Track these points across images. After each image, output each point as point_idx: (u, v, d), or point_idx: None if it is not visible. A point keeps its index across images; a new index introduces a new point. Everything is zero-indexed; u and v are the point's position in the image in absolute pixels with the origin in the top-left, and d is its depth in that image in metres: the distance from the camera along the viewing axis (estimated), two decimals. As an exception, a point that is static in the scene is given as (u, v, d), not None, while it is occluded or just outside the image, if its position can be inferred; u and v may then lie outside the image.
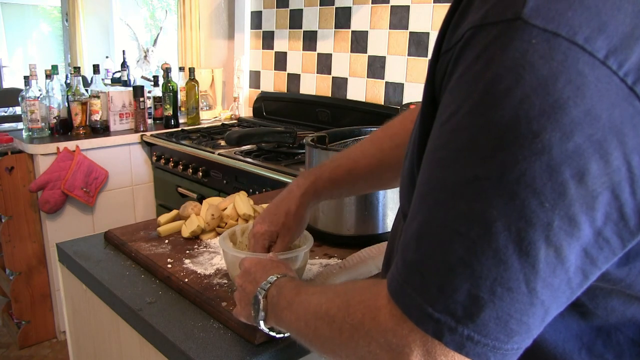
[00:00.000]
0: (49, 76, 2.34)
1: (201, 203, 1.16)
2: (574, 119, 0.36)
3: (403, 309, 0.43)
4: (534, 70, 0.37)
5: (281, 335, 0.68)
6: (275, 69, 2.80)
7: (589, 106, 0.36)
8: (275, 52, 2.78)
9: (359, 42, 2.36)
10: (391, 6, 2.21)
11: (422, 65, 2.13)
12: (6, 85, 5.39)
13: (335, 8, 2.44)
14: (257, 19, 2.85)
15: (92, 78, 2.54)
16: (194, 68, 2.73)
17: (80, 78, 2.41)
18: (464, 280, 0.39)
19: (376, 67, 2.31)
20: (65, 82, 2.54)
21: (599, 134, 0.36)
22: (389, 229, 1.06)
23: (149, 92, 2.82)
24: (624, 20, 0.37)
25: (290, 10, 2.65)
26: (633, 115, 0.37)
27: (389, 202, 1.05)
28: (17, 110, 3.00)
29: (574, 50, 0.36)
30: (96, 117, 2.43)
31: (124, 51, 3.73)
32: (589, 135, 0.36)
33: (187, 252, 1.01)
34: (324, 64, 2.54)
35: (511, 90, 0.37)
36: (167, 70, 2.59)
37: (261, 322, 0.66)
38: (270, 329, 0.67)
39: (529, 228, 0.37)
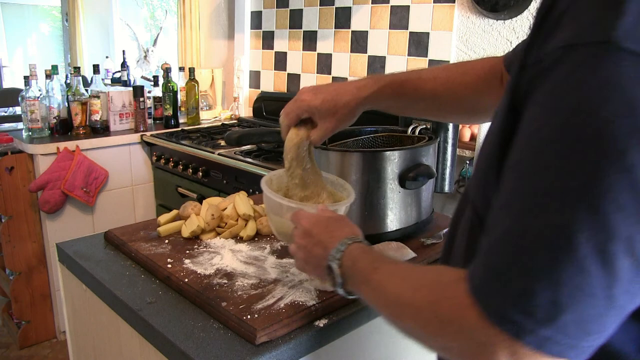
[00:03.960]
0: (49, 76, 2.34)
1: (201, 203, 1.16)
2: None
3: (485, 309, 0.45)
4: (623, 92, 0.39)
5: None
6: (275, 69, 2.80)
7: None
8: (275, 52, 2.78)
9: (359, 42, 2.36)
10: (391, 6, 2.21)
11: (421, 65, 2.12)
12: (6, 85, 5.39)
13: (335, 8, 2.44)
14: (257, 19, 2.85)
15: (92, 78, 2.54)
16: (194, 68, 2.73)
17: (80, 78, 2.41)
18: (546, 286, 0.42)
19: (376, 67, 2.31)
20: (65, 82, 2.53)
21: None
22: (389, 229, 1.06)
23: (149, 92, 2.82)
24: None
25: (290, 10, 2.65)
26: None
27: (389, 202, 1.05)
28: (17, 110, 3.00)
29: None
30: (96, 117, 2.43)
31: (124, 51, 3.73)
32: None
33: (187, 252, 1.01)
34: (324, 64, 2.54)
35: (599, 110, 0.40)
36: (167, 70, 2.59)
37: (340, 290, 0.69)
38: (348, 292, 0.69)
39: (611, 240, 0.40)
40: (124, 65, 3.67)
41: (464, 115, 0.94)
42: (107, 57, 4.08)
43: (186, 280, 0.89)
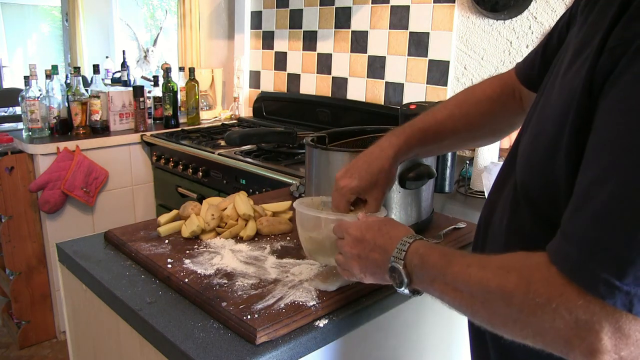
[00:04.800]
0: (49, 76, 2.34)
1: (201, 203, 1.16)
2: None
3: (587, 285, 0.46)
4: None
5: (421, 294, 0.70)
6: (275, 69, 2.80)
7: None
8: (275, 52, 2.78)
9: (359, 42, 2.36)
10: (391, 6, 2.21)
11: (422, 65, 2.13)
12: (6, 85, 5.39)
13: (335, 8, 2.44)
14: (257, 19, 2.85)
15: (92, 78, 2.54)
16: (194, 68, 2.73)
17: (80, 78, 2.41)
18: None
19: (376, 67, 2.31)
20: (65, 82, 2.54)
21: None
22: (389, 229, 1.06)
23: (149, 92, 2.82)
24: None
25: (290, 10, 2.65)
26: None
27: (389, 202, 1.05)
28: (17, 110, 3.00)
29: None
30: (96, 117, 2.43)
31: (124, 51, 3.73)
32: None
33: (187, 252, 1.01)
34: (324, 64, 2.54)
35: None
36: (167, 70, 2.59)
37: (406, 290, 0.68)
38: (414, 292, 0.69)
39: None
40: (124, 65, 3.67)
41: (488, 137, 0.99)
42: (107, 57, 4.09)
43: (186, 280, 0.89)
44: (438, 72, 2.08)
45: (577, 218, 0.49)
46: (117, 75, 3.65)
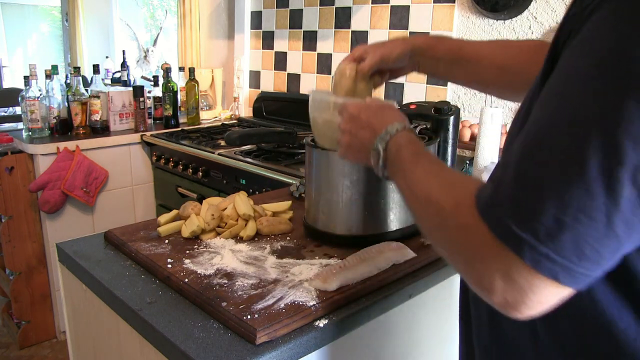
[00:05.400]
0: (49, 76, 2.34)
1: (201, 203, 1.16)
2: None
3: (490, 225, 0.48)
4: None
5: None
6: (275, 69, 2.80)
7: None
8: (275, 52, 2.78)
9: (359, 42, 2.36)
10: (391, 6, 2.21)
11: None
12: (6, 85, 5.39)
13: (335, 8, 2.44)
14: (257, 19, 2.85)
15: (92, 78, 2.55)
16: (194, 68, 2.73)
17: (80, 78, 2.41)
18: (553, 205, 0.44)
19: (376, 67, 2.30)
20: (65, 82, 2.54)
21: None
22: (389, 229, 1.06)
23: (149, 92, 2.82)
24: None
25: (290, 10, 2.65)
26: None
27: (389, 202, 1.05)
28: (17, 110, 3.00)
29: None
30: (96, 117, 2.43)
31: (124, 51, 3.73)
32: None
33: (187, 252, 1.01)
34: (324, 64, 2.54)
35: (633, 50, 0.42)
36: (167, 70, 2.59)
37: (380, 173, 0.72)
38: (387, 178, 0.72)
39: (620, 166, 0.42)
40: (124, 65, 3.67)
41: (505, 87, 0.94)
42: (107, 57, 4.09)
43: (186, 280, 0.89)
44: (438, 72, 2.08)
45: (501, 158, 0.52)
46: (117, 75, 3.65)
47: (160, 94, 2.68)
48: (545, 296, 0.47)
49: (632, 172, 0.42)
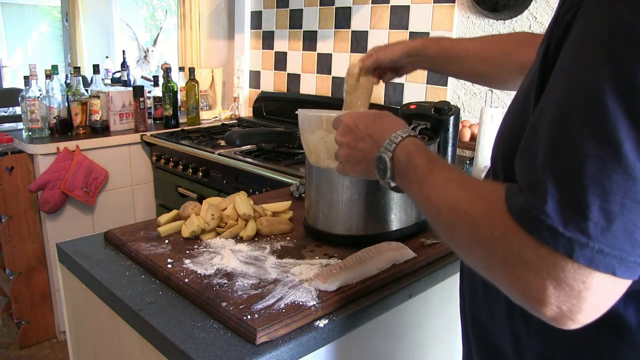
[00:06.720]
0: (49, 76, 2.34)
1: (201, 203, 1.16)
2: None
3: (530, 230, 0.45)
4: None
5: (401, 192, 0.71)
6: (275, 69, 2.80)
7: None
8: (275, 52, 2.78)
9: (359, 42, 2.36)
10: (391, 6, 2.21)
11: (422, 65, 2.12)
12: (6, 85, 5.39)
13: (335, 8, 2.44)
14: (257, 19, 2.85)
15: (92, 78, 2.55)
16: (194, 68, 2.73)
17: (80, 78, 2.41)
18: (596, 197, 0.42)
19: (376, 67, 2.30)
20: (65, 82, 2.54)
21: None
22: (389, 229, 1.06)
23: (149, 92, 2.82)
24: None
25: (290, 10, 2.65)
26: None
27: (389, 202, 1.05)
28: (17, 110, 3.00)
29: None
30: (96, 117, 2.43)
31: (124, 51, 3.73)
32: None
33: (187, 252, 1.01)
34: (324, 64, 2.54)
35: (636, 27, 0.41)
36: (167, 70, 2.59)
37: (390, 182, 0.68)
38: (394, 188, 0.69)
39: None
40: (124, 65, 3.67)
41: (493, 76, 0.98)
42: (107, 57, 4.08)
43: (186, 280, 0.89)
44: (438, 72, 2.08)
45: (522, 157, 0.49)
46: (117, 75, 3.65)
47: (160, 94, 2.68)
48: (603, 296, 0.44)
49: None
